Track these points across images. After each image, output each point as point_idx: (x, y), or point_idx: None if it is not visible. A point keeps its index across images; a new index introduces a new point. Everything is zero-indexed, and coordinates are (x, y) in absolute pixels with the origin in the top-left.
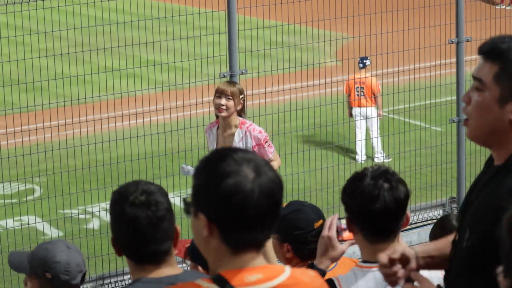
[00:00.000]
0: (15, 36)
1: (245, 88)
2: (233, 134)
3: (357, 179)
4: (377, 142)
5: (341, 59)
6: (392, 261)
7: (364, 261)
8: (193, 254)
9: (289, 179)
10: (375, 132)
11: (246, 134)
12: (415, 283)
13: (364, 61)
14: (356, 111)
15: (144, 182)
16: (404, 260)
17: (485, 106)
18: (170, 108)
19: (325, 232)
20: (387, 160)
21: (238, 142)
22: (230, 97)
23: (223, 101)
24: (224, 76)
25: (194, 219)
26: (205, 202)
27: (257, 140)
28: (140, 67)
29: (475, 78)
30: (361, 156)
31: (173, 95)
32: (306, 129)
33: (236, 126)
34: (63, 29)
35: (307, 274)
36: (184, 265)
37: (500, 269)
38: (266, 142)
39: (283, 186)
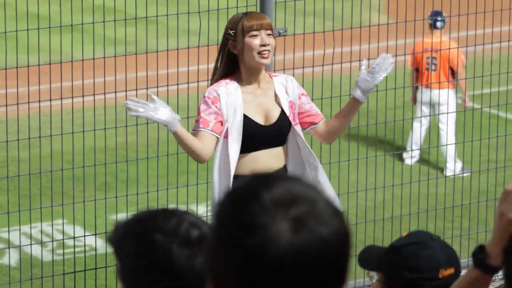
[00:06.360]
0: None
1: None
2: (273, 90)
3: None
4: (452, 146)
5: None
6: None
7: None
8: None
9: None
10: (451, 129)
11: (287, 81)
12: None
13: (439, 17)
14: (424, 94)
15: (184, 212)
16: None
17: None
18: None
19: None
20: (466, 174)
21: (286, 99)
22: (271, 33)
23: (266, 39)
24: None
25: None
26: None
27: (300, 88)
28: (93, 22)
29: None
30: (410, 159)
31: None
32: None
33: (269, 77)
34: None
35: None
36: None
37: None
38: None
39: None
